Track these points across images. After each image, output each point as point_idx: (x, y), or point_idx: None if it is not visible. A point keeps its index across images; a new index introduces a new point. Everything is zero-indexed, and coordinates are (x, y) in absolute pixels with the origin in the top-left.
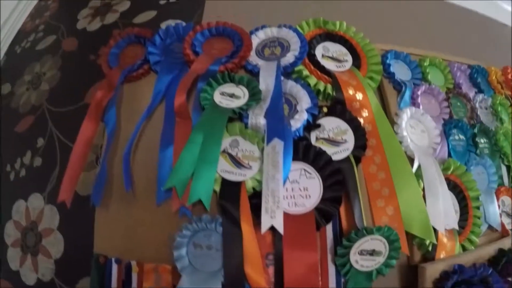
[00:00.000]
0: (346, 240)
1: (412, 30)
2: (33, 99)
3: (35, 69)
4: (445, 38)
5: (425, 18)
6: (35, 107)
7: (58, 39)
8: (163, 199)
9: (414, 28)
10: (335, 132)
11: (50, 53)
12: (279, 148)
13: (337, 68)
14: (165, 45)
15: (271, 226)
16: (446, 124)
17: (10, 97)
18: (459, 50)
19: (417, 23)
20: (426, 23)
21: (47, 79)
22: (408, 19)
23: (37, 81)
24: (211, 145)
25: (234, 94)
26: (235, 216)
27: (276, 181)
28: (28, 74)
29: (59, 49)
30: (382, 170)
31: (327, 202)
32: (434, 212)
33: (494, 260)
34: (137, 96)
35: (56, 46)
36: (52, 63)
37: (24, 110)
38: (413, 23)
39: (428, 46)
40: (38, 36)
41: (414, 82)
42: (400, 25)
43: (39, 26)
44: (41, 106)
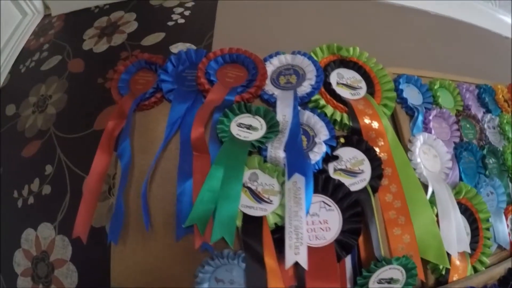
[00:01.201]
0: (366, 271)
1: (417, 50)
2: (40, 123)
3: (41, 91)
4: (449, 55)
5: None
6: (42, 132)
7: (63, 60)
8: (183, 234)
9: (420, 48)
10: (352, 162)
11: (55, 75)
12: (301, 183)
13: (351, 96)
14: (177, 72)
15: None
16: (456, 148)
17: (15, 119)
18: (464, 67)
19: (422, 42)
20: (430, 41)
21: (54, 103)
22: (412, 39)
23: (43, 104)
24: (232, 180)
25: (252, 126)
26: (259, 251)
27: (299, 218)
28: (34, 95)
29: (65, 70)
30: (398, 199)
31: (347, 234)
32: (447, 237)
33: (504, 280)
34: (150, 126)
35: (62, 67)
36: (58, 85)
37: (31, 134)
38: (418, 42)
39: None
40: (43, 55)
41: (426, 106)
42: (406, 46)
43: (43, 45)
44: (48, 130)
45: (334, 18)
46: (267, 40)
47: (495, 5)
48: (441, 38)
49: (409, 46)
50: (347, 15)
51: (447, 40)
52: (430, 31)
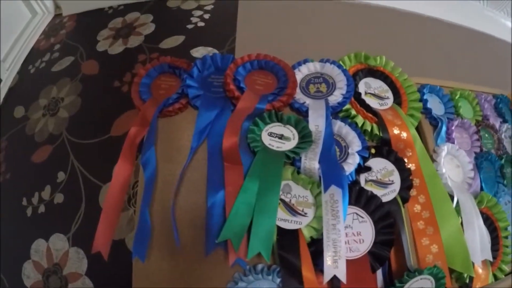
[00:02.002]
0: (399, 282)
1: (437, 60)
2: (51, 127)
3: (52, 93)
4: (467, 65)
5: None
6: (53, 136)
7: (76, 61)
8: (213, 248)
9: (438, 58)
10: (383, 173)
11: (68, 76)
12: (338, 196)
13: (380, 106)
14: (203, 77)
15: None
16: (477, 158)
17: (24, 122)
18: (480, 77)
19: (440, 52)
20: (448, 51)
21: (66, 106)
22: (431, 49)
23: (55, 107)
24: (269, 193)
25: (284, 136)
26: (296, 265)
27: (337, 231)
28: (44, 98)
29: (79, 72)
30: (426, 209)
31: (379, 245)
32: (472, 246)
33: None
34: (174, 134)
35: (75, 68)
36: (71, 88)
37: (41, 138)
38: (437, 52)
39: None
40: (54, 56)
41: (448, 116)
42: (425, 56)
43: (54, 45)
44: (60, 135)
45: (353, 25)
46: (291, 45)
47: (507, 13)
48: (460, 48)
49: (428, 55)
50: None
51: (466, 50)
52: (449, 41)
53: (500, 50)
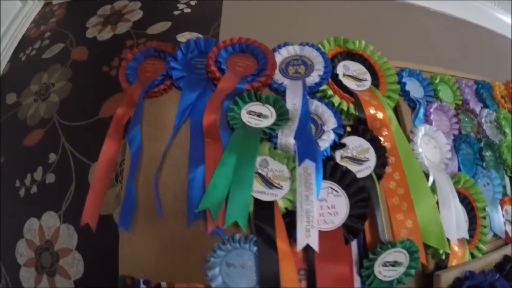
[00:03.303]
0: (372, 254)
1: (419, 46)
2: (42, 111)
3: (43, 79)
4: (450, 52)
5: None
6: (44, 120)
7: (66, 48)
8: (194, 220)
9: (421, 44)
10: (358, 150)
11: (58, 63)
12: (311, 169)
13: (357, 87)
14: (186, 60)
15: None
16: (456, 140)
17: (17, 108)
18: (464, 64)
19: (424, 38)
20: (431, 38)
21: (57, 91)
22: (415, 35)
23: (46, 92)
24: (245, 166)
25: (262, 114)
26: (271, 235)
27: (310, 202)
28: (35, 84)
29: (69, 58)
30: (401, 186)
31: (354, 218)
32: (447, 223)
33: (500, 266)
34: (159, 114)
35: (65, 55)
36: (61, 73)
37: (33, 122)
38: (420, 39)
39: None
40: (44, 43)
41: (427, 99)
42: (408, 42)
43: (45, 33)
44: (51, 119)
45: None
46: (274, 30)
47: (494, 4)
48: (443, 35)
49: (412, 41)
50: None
51: (448, 37)
52: (432, 29)
53: (485, 39)
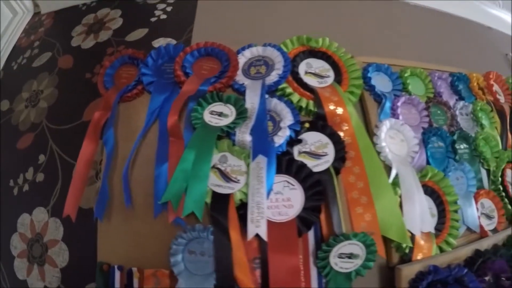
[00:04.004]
0: (326, 245)
1: (394, 40)
2: (32, 116)
3: (33, 87)
4: (428, 45)
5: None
6: (34, 125)
7: (53, 56)
8: (160, 211)
9: (396, 37)
10: (317, 145)
11: (46, 71)
12: (263, 164)
13: (319, 84)
14: (157, 65)
15: (256, 233)
16: (425, 133)
17: (10, 114)
18: (443, 57)
19: (399, 32)
20: (408, 31)
21: (45, 97)
22: (390, 28)
23: (35, 98)
24: (202, 162)
25: (223, 113)
26: (224, 225)
27: (260, 194)
28: (26, 91)
29: (55, 66)
30: (360, 180)
31: (308, 211)
32: (410, 217)
33: (470, 261)
34: (132, 116)
35: (52, 63)
36: (49, 81)
37: (24, 127)
38: (395, 32)
39: (410, 55)
40: (34, 52)
41: (395, 93)
42: (383, 35)
43: (34, 42)
44: (40, 123)
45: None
46: (244, 34)
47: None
48: (418, 28)
49: (383, 35)
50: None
51: (423, 30)
52: (407, 21)
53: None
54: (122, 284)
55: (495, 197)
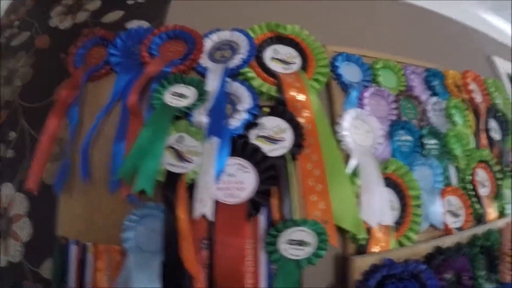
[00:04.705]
0: (274, 230)
1: (370, 32)
2: (7, 94)
3: (10, 65)
4: (408, 41)
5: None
6: (9, 102)
7: (31, 36)
8: (116, 188)
9: (373, 30)
10: (275, 130)
11: (24, 50)
12: (216, 145)
13: (283, 70)
14: (126, 47)
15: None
16: (392, 125)
17: None
18: (422, 53)
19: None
20: (389, 26)
21: (20, 75)
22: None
23: (11, 76)
24: (157, 140)
25: (183, 94)
26: (173, 203)
27: (210, 175)
28: (4, 69)
29: (32, 46)
30: (317, 167)
31: (260, 194)
32: (368, 208)
33: (430, 257)
34: (99, 95)
35: (30, 43)
36: (25, 60)
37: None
38: (372, 24)
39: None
40: (14, 32)
41: (364, 84)
42: (358, 26)
43: (14, 22)
44: (14, 101)
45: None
46: (217, 19)
47: None
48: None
49: (361, 27)
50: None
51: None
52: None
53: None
54: (78, 259)
55: (463, 195)
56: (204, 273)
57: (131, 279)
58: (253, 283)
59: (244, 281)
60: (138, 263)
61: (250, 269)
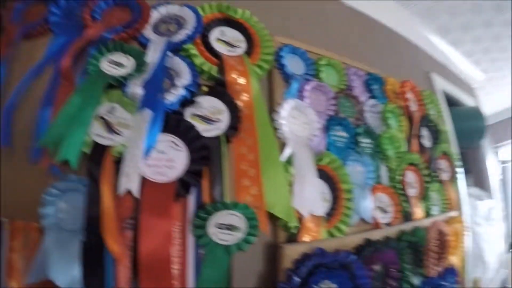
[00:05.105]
0: (203, 212)
1: (321, 31)
2: None
3: None
4: (355, 46)
5: (336, 22)
6: None
7: None
8: (37, 157)
9: (324, 30)
10: (211, 111)
11: None
12: (148, 118)
13: (227, 52)
14: (69, 7)
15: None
16: (329, 120)
17: None
18: (365, 58)
19: (327, 25)
20: (339, 28)
21: None
22: (320, 20)
23: None
24: (86, 108)
25: (121, 63)
26: (98, 178)
27: (138, 148)
28: None
29: None
30: (251, 152)
31: (190, 174)
32: (300, 197)
33: (360, 249)
34: (33, 54)
35: None
36: None
37: None
38: (323, 24)
39: (333, 48)
40: None
41: (306, 77)
42: (310, 24)
43: None
44: None
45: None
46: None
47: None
48: (348, 27)
49: (312, 25)
50: None
51: (353, 30)
52: (338, 18)
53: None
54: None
55: (392, 194)
56: (128, 255)
57: (48, 260)
58: (179, 268)
59: (170, 266)
60: (57, 243)
61: (176, 253)
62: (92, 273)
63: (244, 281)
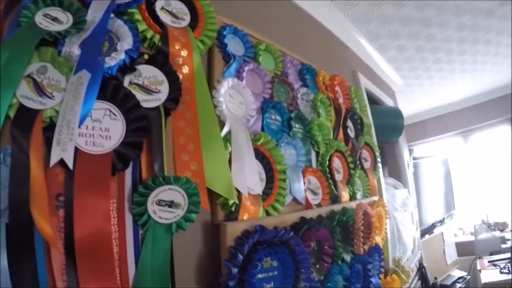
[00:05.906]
0: (143, 188)
1: (264, 20)
2: None
3: None
4: (293, 37)
5: (280, 14)
6: None
7: None
8: None
9: (267, 17)
10: (151, 81)
11: None
12: (85, 80)
13: (172, 23)
14: None
15: (62, 162)
16: (265, 103)
17: None
18: (301, 50)
19: (271, 14)
20: (281, 19)
21: None
22: (265, 9)
23: None
24: (13, 65)
25: (58, 19)
26: (25, 148)
27: (74, 113)
28: None
29: None
30: (191, 126)
31: (128, 146)
32: (238, 176)
33: (296, 226)
34: None
35: None
36: None
37: None
38: (267, 13)
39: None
40: None
41: (245, 59)
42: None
43: None
44: None
45: None
46: None
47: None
48: (289, 20)
49: (257, 12)
50: None
51: (293, 23)
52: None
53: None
54: None
55: (321, 177)
56: (61, 237)
57: None
58: (117, 251)
59: (112, 250)
60: None
61: (113, 233)
62: (20, 260)
63: (185, 262)
